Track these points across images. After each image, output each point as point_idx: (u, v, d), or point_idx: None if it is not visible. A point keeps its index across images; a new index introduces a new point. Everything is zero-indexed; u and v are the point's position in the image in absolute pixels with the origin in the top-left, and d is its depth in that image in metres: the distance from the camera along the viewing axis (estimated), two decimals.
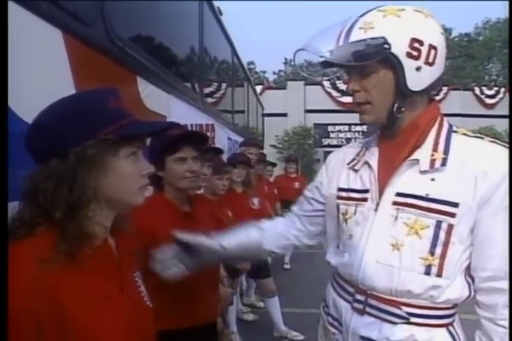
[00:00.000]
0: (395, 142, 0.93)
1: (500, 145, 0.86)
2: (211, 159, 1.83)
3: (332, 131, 14.60)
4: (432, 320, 0.87)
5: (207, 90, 3.01)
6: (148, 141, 1.04)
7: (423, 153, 0.87)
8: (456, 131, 0.90)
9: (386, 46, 0.80)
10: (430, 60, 0.83)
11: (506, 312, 0.81)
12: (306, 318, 1.40)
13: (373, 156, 0.95)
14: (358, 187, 0.95)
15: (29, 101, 0.90)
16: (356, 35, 0.83)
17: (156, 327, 0.77)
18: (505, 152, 0.84)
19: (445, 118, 0.93)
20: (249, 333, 2.96)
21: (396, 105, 0.86)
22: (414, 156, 0.87)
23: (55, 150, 0.62)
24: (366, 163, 0.96)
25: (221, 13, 3.36)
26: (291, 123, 14.51)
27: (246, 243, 1.14)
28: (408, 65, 0.82)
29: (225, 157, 3.11)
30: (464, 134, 0.90)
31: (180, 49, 2.34)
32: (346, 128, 13.82)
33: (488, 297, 0.84)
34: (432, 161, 0.85)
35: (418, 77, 0.84)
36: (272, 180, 4.81)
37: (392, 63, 0.83)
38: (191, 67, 2.60)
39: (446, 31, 31.46)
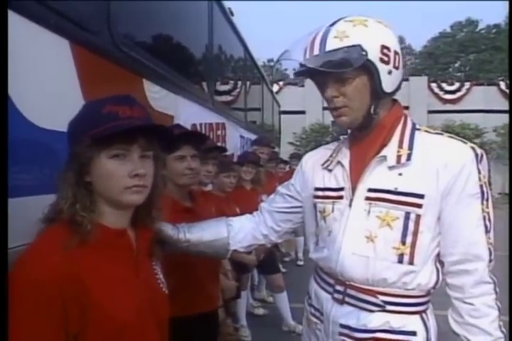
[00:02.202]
0: (364, 142, 0.99)
1: (457, 139, 0.94)
2: (215, 157, 1.90)
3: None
4: (406, 308, 0.93)
5: (219, 89, 3.08)
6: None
7: (390, 150, 0.93)
8: (419, 129, 0.97)
9: (363, 53, 0.86)
10: (396, 65, 0.92)
11: (473, 290, 0.88)
12: None
13: (345, 156, 1.02)
14: (333, 185, 1.02)
15: (39, 106, 1.00)
16: (333, 44, 0.88)
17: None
18: (462, 145, 0.91)
19: (409, 117, 1.00)
20: (258, 327, 3.04)
21: (373, 107, 0.93)
22: (382, 153, 0.94)
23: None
24: (339, 162, 1.02)
25: (232, 14, 3.42)
26: (309, 121, 14.46)
27: (212, 239, 1.13)
28: (382, 69, 0.89)
29: (237, 155, 3.19)
30: (426, 131, 0.97)
31: (188, 50, 2.41)
32: None
33: (457, 279, 0.91)
34: (398, 157, 0.92)
35: (390, 80, 0.91)
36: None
37: (369, 68, 0.89)
38: (199, 67, 2.67)
39: (473, 23, 30.39)
